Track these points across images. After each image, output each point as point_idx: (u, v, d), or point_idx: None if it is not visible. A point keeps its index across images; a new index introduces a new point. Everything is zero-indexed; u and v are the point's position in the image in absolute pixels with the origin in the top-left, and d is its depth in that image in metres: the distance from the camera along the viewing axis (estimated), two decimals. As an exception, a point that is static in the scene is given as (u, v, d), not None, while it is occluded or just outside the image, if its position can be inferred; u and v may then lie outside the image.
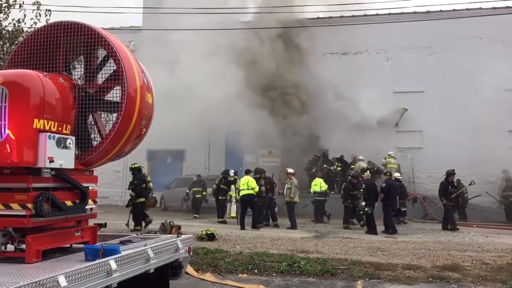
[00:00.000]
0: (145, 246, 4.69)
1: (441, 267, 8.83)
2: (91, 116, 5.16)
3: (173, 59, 19.62)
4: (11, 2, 10.10)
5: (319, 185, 17.43)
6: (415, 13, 21.43)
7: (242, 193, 15.12)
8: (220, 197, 17.02)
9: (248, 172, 15.82)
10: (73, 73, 5.22)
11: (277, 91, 21.57)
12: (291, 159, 20.90)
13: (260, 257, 9.23)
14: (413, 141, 22.20)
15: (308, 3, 22.40)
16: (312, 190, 17.58)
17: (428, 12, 21.63)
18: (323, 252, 10.33)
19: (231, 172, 17.30)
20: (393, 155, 20.35)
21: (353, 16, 22.62)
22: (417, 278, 8.13)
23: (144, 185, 14.17)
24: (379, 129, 21.63)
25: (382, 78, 22.25)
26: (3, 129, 4.11)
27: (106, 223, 5.50)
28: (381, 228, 14.56)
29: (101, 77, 5.28)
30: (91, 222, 5.16)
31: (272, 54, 21.67)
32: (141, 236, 5.50)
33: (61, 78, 4.74)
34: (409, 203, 18.40)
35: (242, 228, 14.56)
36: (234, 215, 17.31)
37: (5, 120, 4.11)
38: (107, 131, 5.02)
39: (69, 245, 4.84)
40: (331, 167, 20.59)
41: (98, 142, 5.03)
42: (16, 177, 4.24)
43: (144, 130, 5.51)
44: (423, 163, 21.42)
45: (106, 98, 5.18)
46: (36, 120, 4.20)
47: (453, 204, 15.80)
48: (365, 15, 22.81)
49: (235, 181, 17.05)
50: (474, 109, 20.81)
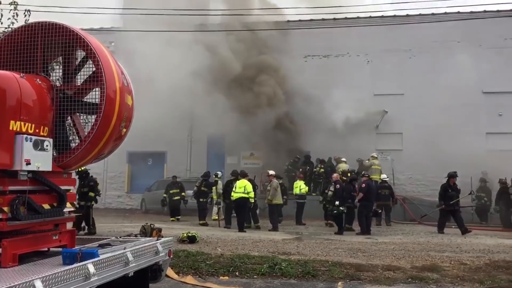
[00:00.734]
0: (124, 249, 4.64)
1: (420, 268, 8.94)
2: (69, 118, 5.09)
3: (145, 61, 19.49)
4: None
5: (299, 187, 17.49)
6: (394, 16, 21.68)
7: (237, 196, 14.98)
8: (201, 199, 16.97)
9: (244, 175, 15.70)
10: (51, 74, 5.15)
11: (257, 95, 21.54)
12: (273, 161, 20.95)
13: (241, 259, 9.22)
14: (393, 143, 22.43)
15: (289, 5, 22.52)
16: (294, 192, 17.67)
17: (407, 15, 21.89)
18: (304, 253, 10.36)
19: (219, 173, 17.35)
20: (376, 156, 20.58)
21: (334, 19, 22.77)
22: (396, 278, 8.22)
23: (86, 189, 13.45)
24: (359, 131, 21.79)
25: (363, 81, 22.45)
26: (-22, 131, 4.03)
27: (84, 226, 5.44)
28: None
29: (79, 79, 5.22)
30: (69, 226, 5.09)
31: (250, 58, 21.68)
32: (121, 239, 5.43)
33: (38, 79, 4.68)
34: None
35: (241, 230, 14.73)
36: (216, 217, 17.23)
37: (-20, 122, 4.03)
38: (86, 133, 4.96)
39: (46, 249, 4.76)
40: (315, 169, 20.67)
41: (77, 144, 4.97)
42: (-8, 180, 4.15)
43: (124, 132, 5.45)
44: (403, 165, 21.67)
45: (85, 100, 5.12)
46: (12, 122, 4.13)
47: (452, 208, 15.08)
48: (346, 18, 23.02)
49: (216, 183, 17.05)
50: (452, 111, 21.14)
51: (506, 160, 18.36)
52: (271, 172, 16.18)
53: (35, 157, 4.25)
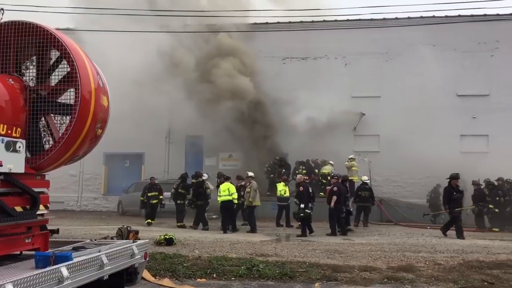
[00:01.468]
0: (99, 252, 4.59)
1: (396, 268, 9.05)
2: (43, 118, 5.02)
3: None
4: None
5: (282, 189, 17.43)
6: (372, 20, 21.95)
7: (223, 199, 15.31)
8: (179, 201, 16.86)
9: (228, 178, 15.98)
10: (24, 74, 5.07)
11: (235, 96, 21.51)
12: (251, 163, 20.98)
13: (219, 261, 9.19)
14: (370, 145, 22.67)
15: (267, 7, 22.57)
16: (278, 195, 17.57)
17: (384, 19, 22.21)
18: (282, 255, 10.39)
19: (205, 175, 17.34)
20: (354, 158, 20.78)
21: (312, 22, 22.96)
22: (372, 279, 8.30)
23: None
24: (337, 133, 21.98)
25: (341, 83, 22.64)
26: None
27: (58, 229, 5.34)
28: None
29: (54, 79, 5.14)
30: (43, 228, 5.00)
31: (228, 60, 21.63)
32: (96, 242, 5.37)
33: (11, 80, 4.60)
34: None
35: (225, 232, 15.02)
36: None
37: (-50, 123, 3.94)
38: (60, 134, 4.89)
39: (19, 252, 4.68)
40: (297, 171, 20.66)
41: (51, 145, 4.89)
42: (-38, 182, 4.06)
43: (99, 133, 5.40)
44: (379, 166, 21.90)
45: (59, 101, 5.05)
46: (-17, 123, 4.05)
47: (460, 211, 14.61)
48: (324, 21, 23.18)
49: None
50: (427, 113, 21.56)
51: (479, 162, 18.74)
52: (250, 174, 16.18)
53: (7, 158, 4.18)
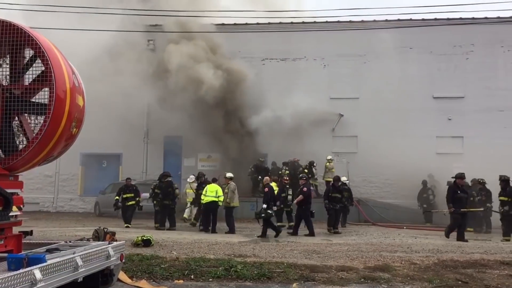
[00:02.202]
0: (73, 254, 4.52)
1: (373, 268, 9.14)
2: (16, 118, 4.93)
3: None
4: None
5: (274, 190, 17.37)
6: (350, 22, 22.14)
7: (208, 199, 15.35)
8: (155, 202, 16.77)
9: (215, 180, 16.26)
10: (-3, 73, 4.97)
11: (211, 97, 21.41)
12: (230, 163, 20.94)
13: (197, 263, 9.14)
14: (348, 146, 22.85)
15: (247, 8, 22.55)
16: None
17: (362, 21, 22.43)
18: (260, 256, 10.39)
19: (191, 177, 17.29)
20: (332, 159, 20.96)
21: (291, 23, 23.08)
22: (349, 279, 8.37)
23: None
24: (316, 134, 22.13)
25: (319, 84, 22.81)
26: None
27: (32, 231, 5.25)
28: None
29: (28, 78, 5.06)
30: (16, 230, 4.91)
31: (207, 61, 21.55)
32: (70, 243, 5.29)
33: (-17, 78, 4.49)
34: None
35: (207, 231, 15.25)
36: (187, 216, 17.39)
37: None
38: (34, 134, 4.81)
39: (-10, 255, 4.57)
40: (280, 172, 20.62)
41: (24, 145, 4.81)
42: None
43: (74, 132, 5.33)
44: (357, 167, 22.09)
45: (34, 100, 4.97)
46: (-47, 122, 3.95)
47: (463, 212, 14.11)
48: (303, 22, 23.36)
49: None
50: (404, 115, 21.88)
51: (454, 163, 19.08)
52: (228, 175, 16.15)
53: (-22, 159, 4.08)
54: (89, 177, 24.41)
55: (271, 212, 14.40)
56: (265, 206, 14.38)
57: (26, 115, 5.02)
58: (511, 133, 20.90)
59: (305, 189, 15.03)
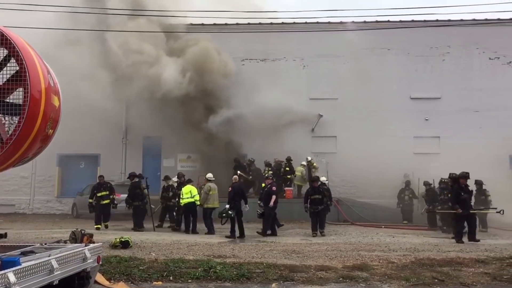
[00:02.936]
0: (49, 256, 4.46)
1: (351, 267, 9.23)
2: (-10, 119, 4.83)
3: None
4: None
5: None
6: (329, 23, 22.27)
7: (185, 201, 15.46)
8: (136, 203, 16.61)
9: (189, 181, 16.12)
10: (-31, 72, 4.86)
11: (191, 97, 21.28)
12: (210, 164, 20.85)
13: (176, 264, 9.10)
14: (327, 146, 23.01)
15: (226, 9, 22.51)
16: None
17: (341, 22, 22.58)
18: (239, 256, 10.39)
19: (174, 178, 17.26)
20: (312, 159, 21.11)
21: (271, 24, 23.13)
22: (328, 278, 8.43)
23: None
24: (296, 134, 22.22)
25: (299, 85, 22.92)
26: None
27: (6, 233, 5.15)
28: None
29: (2, 78, 4.96)
30: (-11, 233, 4.82)
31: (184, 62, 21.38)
32: (46, 246, 5.21)
33: (-46, 78, 4.39)
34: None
35: (187, 232, 15.31)
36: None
37: None
38: (9, 135, 4.72)
39: (-37, 258, 4.46)
40: (263, 172, 20.54)
41: (-2, 146, 4.71)
42: None
43: (50, 133, 5.25)
44: (336, 167, 22.21)
45: (8, 100, 4.88)
46: None
47: (468, 213, 13.50)
48: (283, 23, 23.43)
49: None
50: (382, 116, 22.15)
51: (431, 163, 19.38)
52: (207, 176, 16.08)
53: (-51, 160, 3.99)
54: (66, 178, 24.04)
55: (231, 213, 14.34)
56: (227, 207, 14.45)
57: (0, 115, 4.92)
58: (486, 133, 21.30)
59: (273, 188, 14.99)
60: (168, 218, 17.44)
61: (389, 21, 22.11)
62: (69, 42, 19.00)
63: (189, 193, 15.56)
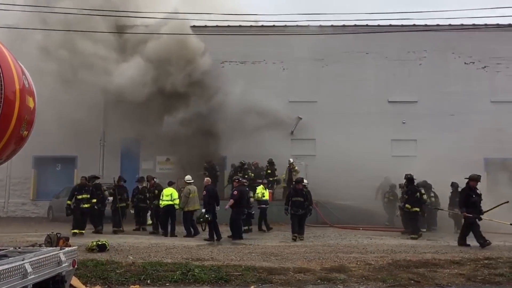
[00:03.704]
0: (22, 260, 4.37)
1: (329, 269, 9.29)
2: (-39, 120, 4.72)
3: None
4: None
5: (260, 193, 17.27)
6: (308, 26, 22.44)
7: (165, 203, 15.42)
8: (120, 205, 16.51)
9: (171, 184, 16.00)
10: None
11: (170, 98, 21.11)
12: (189, 166, 20.75)
13: (154, 267, 9.04)
14: (307, 148, 23.11)
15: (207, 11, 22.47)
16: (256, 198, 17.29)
17: (320, 26, 22.78)
18: (218, 259, 10.37)
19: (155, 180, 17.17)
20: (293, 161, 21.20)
21: (250, 27, 23.16)
22: (307, 280, 8.47)
23: None
24: (275, 136, 22.26)
25: (279, 88, 23.01)
26: None
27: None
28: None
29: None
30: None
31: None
32: (20, 250, 5.11)
33: None
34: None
35: (166, 235, 15.23)
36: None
37: None
38: (-19, 137, 4.63)
39: None
40: (246, 175, 20.46)
41: (-30, 148, 4.61)
42: None
43: (25, 135, 5.16)
44: (316, 170, 22.29)
45: (-20, 101, 4.77)
46: None
47: (477, 216, 12.84)
48: (263, 26, 23.49)
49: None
50: (361, 119, 22.41)
51: (408, 165, 19.60)
52: (186, 178, 15.99)
53: None
54: (42, 180, 23.63)
55: (207, 216, 14.29)
56: (203, 211, 14.42)
57: (-28, 116, 4.82)
58: (461, 137, 21.66)
59: (235, 192, 14.92)
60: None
61: (367, 25, 22.40)
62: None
63: (169, 196, 15.52)
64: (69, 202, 15.65)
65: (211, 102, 21.17)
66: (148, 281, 8.29)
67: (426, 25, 22.70)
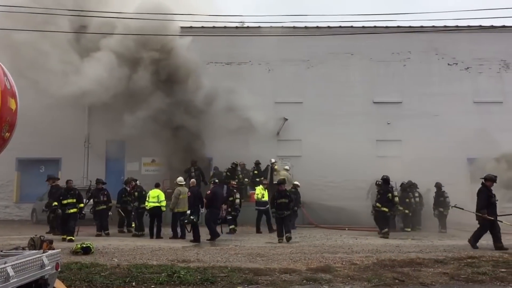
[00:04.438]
0: (4, 264, 4.31)
1: (315, 269, 9.33)
2: None
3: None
4: None
5: (260, 194, 17.28)
6: (294, 28, 22.53)
7: (151, 205, 15.39)
8: (98, 208, 16.31)
9: (157, 185, 16.04)
10: None
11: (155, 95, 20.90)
12: (175, 167, 20.66)
13: (139, 269, 8.98)
14: (293, 149, 23.18)
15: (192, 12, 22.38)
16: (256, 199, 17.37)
17: (306, 27, 22.90)
18: (204, 260, 10.35)
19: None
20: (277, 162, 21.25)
21: (236, 28, 23.18)
22: (292, 281, 8.49)
23: None
24: (261, 137, 22.28)
25: (264, 89, 23.03)
26: None
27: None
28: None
29: (-46, 79, 4.79)
30: None
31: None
32: (2, 253, 5.04)
33: None
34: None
35: (152, 237, 15.23)
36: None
37: None
38: (-39, 139, 4.56)
39: None
40: (236, 177, 20.39)
41: (-50, 151, 4.55)
42: None
43: (7, 136, 5.10)
44: (302, 170, 22.39)
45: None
46: None
47: (493, 218, 12.22)
48: (248, 27, 23.52)
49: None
50: (346, 119, 22.57)
51: (393, 166, 19.78)
52: (177, 180, 15.92)
53: None
54: (26, 183, 23.29)
55: (192, 218, 14.30)
56: (188, 212, 14.46)
57: (-48, 118, 4.75)
58: (445, 137, 21.90)
59: (208, 192, 15.07)
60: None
61: (352, 26, 22.57)
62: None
63: (156, 198, 15.47)
64: (55, 203, 15.19)
65: (195, 102, 20.99)
66: (133, 283, 8.23)
67: (410, 27, 22.96)
